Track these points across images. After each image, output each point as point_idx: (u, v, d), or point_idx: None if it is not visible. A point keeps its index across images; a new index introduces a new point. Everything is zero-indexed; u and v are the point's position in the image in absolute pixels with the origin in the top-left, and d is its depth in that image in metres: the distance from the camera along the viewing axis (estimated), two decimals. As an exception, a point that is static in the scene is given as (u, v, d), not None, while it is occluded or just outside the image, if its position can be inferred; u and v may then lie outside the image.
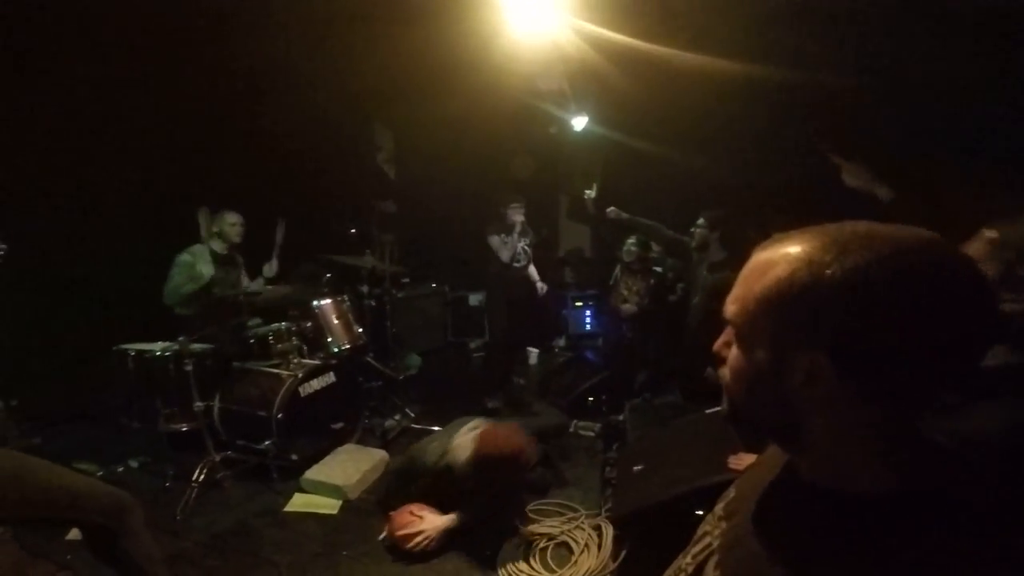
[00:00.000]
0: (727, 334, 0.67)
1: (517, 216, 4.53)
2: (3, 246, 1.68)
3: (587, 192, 4.46)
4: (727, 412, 0.68)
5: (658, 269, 4.67)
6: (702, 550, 0.77)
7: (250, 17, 3.30)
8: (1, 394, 2.96)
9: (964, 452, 0.59)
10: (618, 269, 4.62)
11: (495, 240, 4.62)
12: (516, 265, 4.69)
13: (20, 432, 2.99)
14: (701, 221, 3.88)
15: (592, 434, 3.88)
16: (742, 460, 1.93)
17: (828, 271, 0.54)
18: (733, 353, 0.65)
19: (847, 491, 0.59)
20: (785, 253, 0.58)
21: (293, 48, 3.65)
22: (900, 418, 0.57)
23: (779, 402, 0.60)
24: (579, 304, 5.91)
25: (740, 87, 3.35)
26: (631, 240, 4.54)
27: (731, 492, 0.81)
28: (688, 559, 0.79)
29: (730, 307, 0.64)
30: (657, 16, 3.04)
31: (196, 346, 3.28)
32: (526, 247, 4.77)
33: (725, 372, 0.66)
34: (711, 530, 0.78)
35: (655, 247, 4.68)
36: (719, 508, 0.80)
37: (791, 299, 0.56)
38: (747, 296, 0.61)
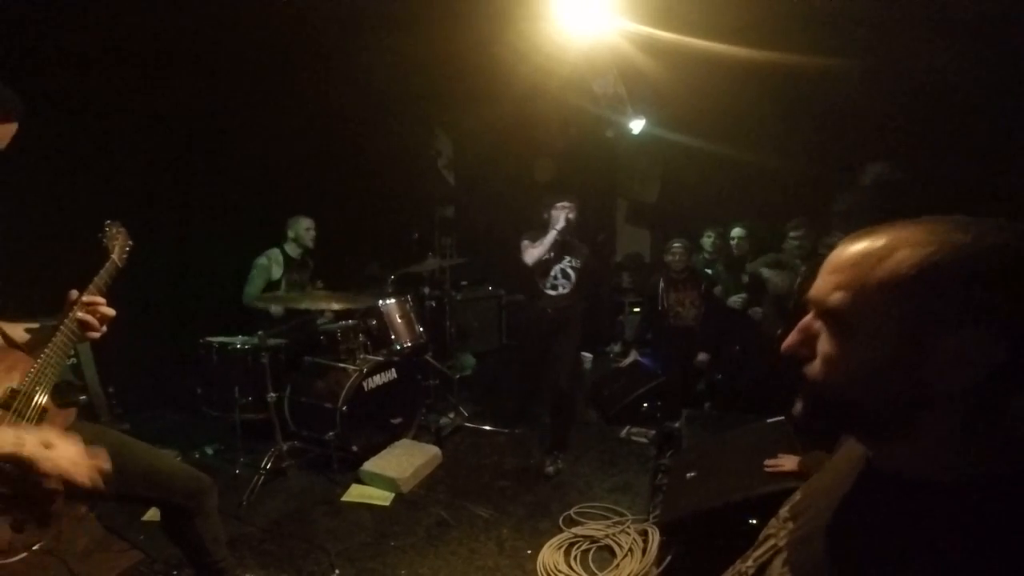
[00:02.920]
0: (804, 330, 0.65)
1: (563, 216, 3.48)
2: (130, 243, 1.78)
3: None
4: (809, 410, 0.65)
5: (708, 271, 4.50)
6: (765, 552, 0.76)
7: (318, 30, 3.50)
8: (101, 381, 3.30)
9: None
10: (661, 281, 4.40)
11: (526, 243, 3.60)
12: (551, 293, 3.59)
13: (112, 418, 3.32)
14: (797, 233, 3.76)
15: (645, 440, 3.83)
16: (781, 463, 1.87)
17: (971, 249, 0.53)
18: (831, 346, 0.61)
19: (939, 480, 0.57)
20: (904, 238, 0.57)
21: (360, 52, 3.82)
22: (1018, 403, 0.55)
23: (903, 390, 0.57)
24: (636, 310, 5.82)
25: (800, 81, 3.22)
26: (677, 244, 4.27)
27: (796, 495, 0.80)
28: (749, 562, 0.79)
29: (835, 295, 0.60)
30: (710, 13, 2.97)
31: (273, 341, 3.51)
32: (571, 267, 3.61)
33: (816, 368, 0.63)
34: (775, 532, 0.77)
35: (707, 249, 4.54)
36: (784, 511, 0.79)
37: (933, 280, 0.54)
38: (863, 283, 0.58)
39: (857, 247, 0.60)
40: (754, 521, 1.96)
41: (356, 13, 3.38)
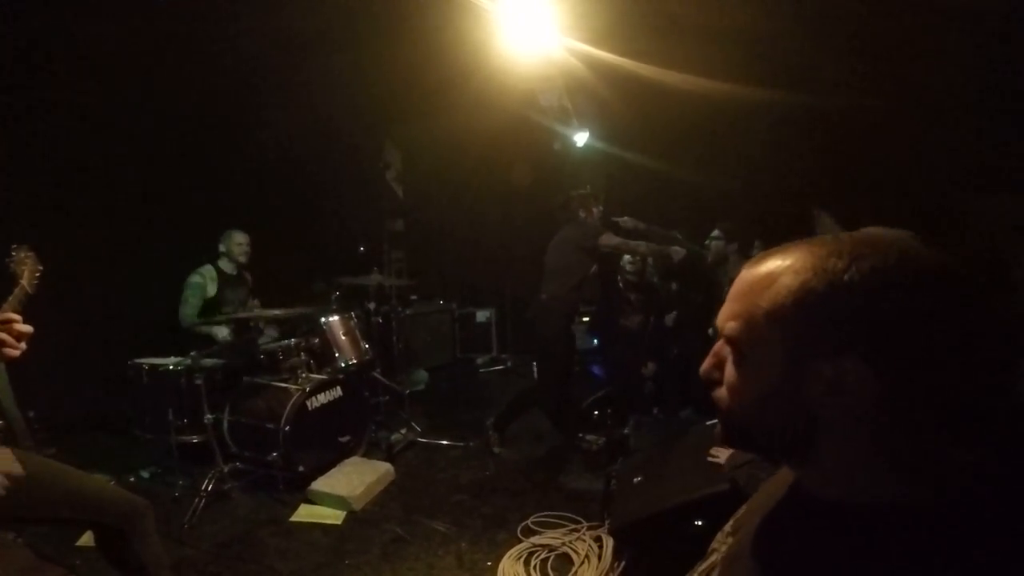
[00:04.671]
0: (716, 355, 0.66)
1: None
2: (40, 268, 1.73)
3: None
4: (724, 435, 0.66)
5: (655, 281, 4.66)
6: (708, 566, 0.77)
7: (260, 40, 3.44)
8: (20, 405, 3.06)
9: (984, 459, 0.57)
10: (619, 278, 4.59)
11: (614, 239, 3.69)
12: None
13: (35, 443, 3.08)
14: (716, 233, 3.90)
15: (597, 447, 3.88)
16: (720, 453, 1.95)
17: (845, 276, 0.53)
18: (731, 373, 0.62)
19: (850, 502, 0.58)
20: (788, 265, 0.57)
21: (302, 69, 3.79)
22: (921, 424, 0.55)
23: (793, 416, 0.58)
24: (586, 320, 5.93)
25: (733, 104, 3.44)
26: None
27: (742, 509, 0.80)
28: (695, 575, 0.79)
29: (729, 324, 0.61)
30: (647, 36, 3.14)
31: (207, 361, 3.38)
32: None
33: (722, 393, 0.64)
34: (719, 547, 0.78)
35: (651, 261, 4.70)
36: (728, 525, 0.80)
37: (808, 308, 0.54)
38: (751, 311, 0.59)
39: (750, 274, 0.61)
40: (699, 523, 2.03)
41: (303, 27, 3.35)
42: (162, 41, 3.30)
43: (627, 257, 4.40)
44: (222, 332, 3.83)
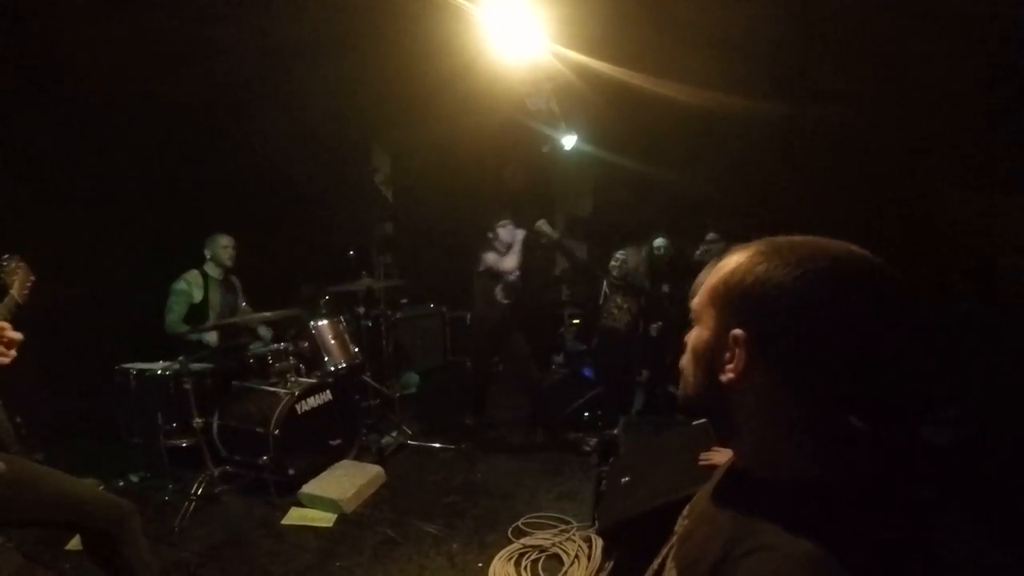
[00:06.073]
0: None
1: (509, 235, 4.00)
2: (32, 278, 1.75)
3: (539, 223, 4.08)
4: (679, 395, 0.78)
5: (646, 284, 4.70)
6: (669, 547, 0.82)
7: (247, 44, 3.44)
8: (7, 410, 3.04)
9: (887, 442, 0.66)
10: (606, 285, 4.61)
11: (491, 257, 3.99)
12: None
13: (23, 448, 3.06)
14: (712, 236, 3.94)
15: (588, 448, 3.92)
16: (711, 456, 1.98)
17: (756, 270, 0.65)
18: (691, 334, 0.76)
19: (772, 478, 0.66)
20: (734, 258, 0.70)
21: (290, 74, 3.79)
22: (821, 409, 0.64)
23: (712, 377, 0.69)
24: (576, 322, 5.97)
25: (718, 109, 3.51)
26: (620, 253, 4.48)
27: (698, 493, 0.86)
28: (659, 559, 0.84)
29: (692, 300, 0.76)
30: (634, 43, 3.18)
31: (196, 365, 3.39)
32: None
33: (687, 356, 0.76)
34: (678, 528, 0.84)
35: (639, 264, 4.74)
36: (686, 508, 0.86)
37: (729, 287, 0.68)
38: (703, 288, 0.74)
39: (716, 264, 0.74)
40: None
41: (291, 32, 3.35)
42: (148, 49, 3.29)
43: (617, 256, 4.45)
44: (211, 337, 3.81)
